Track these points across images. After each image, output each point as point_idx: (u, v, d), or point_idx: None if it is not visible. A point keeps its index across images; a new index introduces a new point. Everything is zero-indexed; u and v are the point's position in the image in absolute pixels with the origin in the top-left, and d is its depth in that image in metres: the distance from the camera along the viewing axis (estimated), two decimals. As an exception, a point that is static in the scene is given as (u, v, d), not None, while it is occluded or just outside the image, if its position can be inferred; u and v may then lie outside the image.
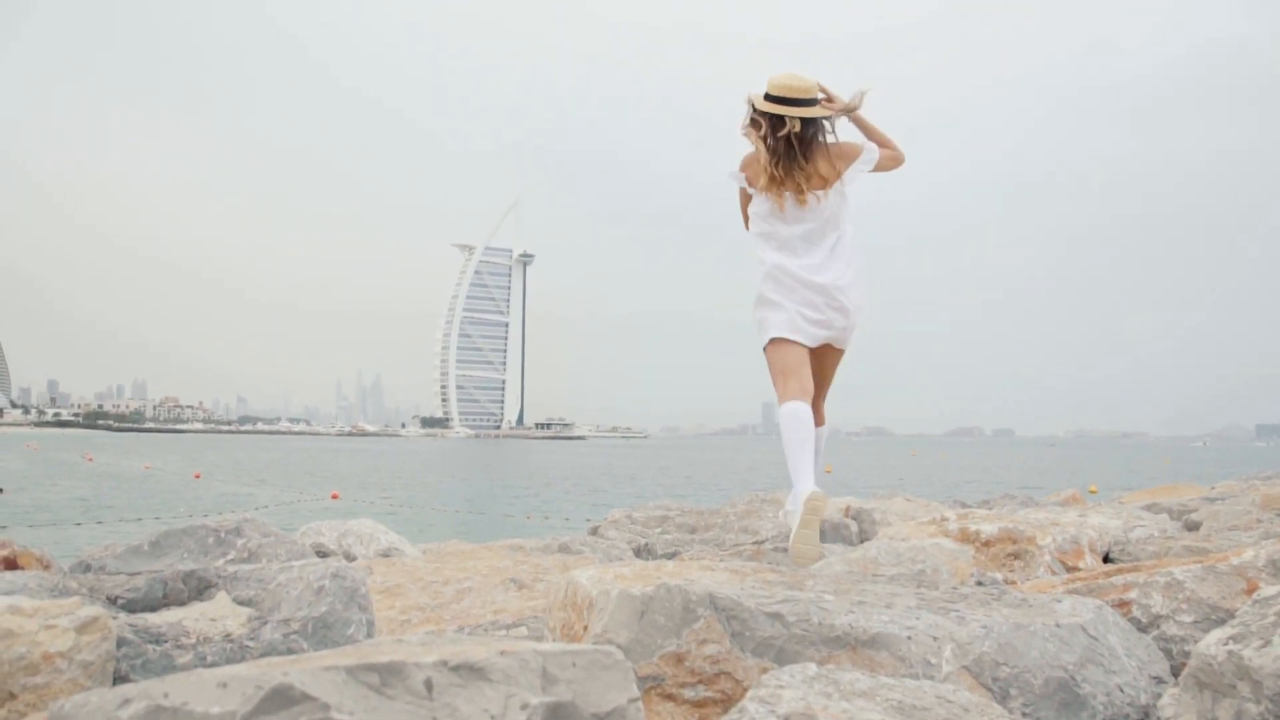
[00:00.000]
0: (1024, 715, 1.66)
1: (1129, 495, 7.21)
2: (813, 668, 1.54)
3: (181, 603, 2.14)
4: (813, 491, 3.12)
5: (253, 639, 1.90)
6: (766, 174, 3.39)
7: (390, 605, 3.09)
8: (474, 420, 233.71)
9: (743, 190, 3.54)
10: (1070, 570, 3.19)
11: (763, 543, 3.90)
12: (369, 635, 2.06)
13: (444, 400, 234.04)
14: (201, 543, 3.38)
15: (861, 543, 4.40)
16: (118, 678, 1.70)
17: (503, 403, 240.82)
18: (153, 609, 2.10)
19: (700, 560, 3.28)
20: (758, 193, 3.46)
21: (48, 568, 3.02)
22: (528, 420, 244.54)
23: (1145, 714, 1.73)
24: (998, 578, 2.87)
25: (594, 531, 5.33)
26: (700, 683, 1.77)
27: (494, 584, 3.36)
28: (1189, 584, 2.14)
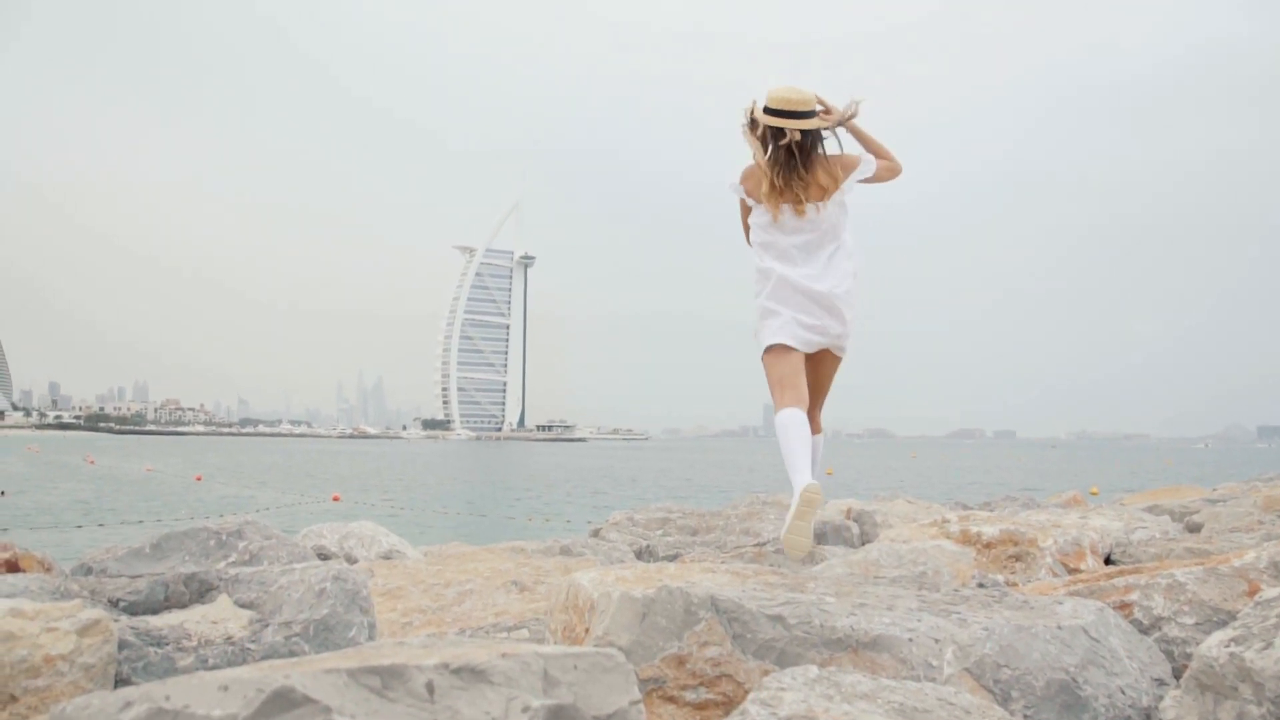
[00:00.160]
0: (1025, 717, 1.66)
1: (1130, 497, 7.21)
2: (814, 670, 1.54)
3: (183, 605, 2.14)
4: (810, 484, 3.20)
5: (254, 641, 1.90)
6: (767, 184, 3.43)
7: (391, 608, 3.09)
8: (475, 422, 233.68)
9: (743, 202, 3.58)
10: (1072, 572, 3.19)
11: (764, 545, 3.90)
12: (370, 638, 2.06)
13: (445, 402, 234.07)
14: (203, 545, 3.38)
15: (863, 545, 4.40)
16: (119, 680, 1.70)
17: (504, 404, 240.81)
18: (154, 612, 2.10)
19: (701, 562, 3.28)
20: (757, 204, 3.50)
21: (49, 570, 3.02)
22: (529, 422, 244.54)
23: (1147, 716, 1.73)
24: (999, 580, 2.87)
25: (595, 534, 5.33)
26: (701, 685, 1.77)
27: (495, 586, 3.36)
28: (1190, 586, 2.13)
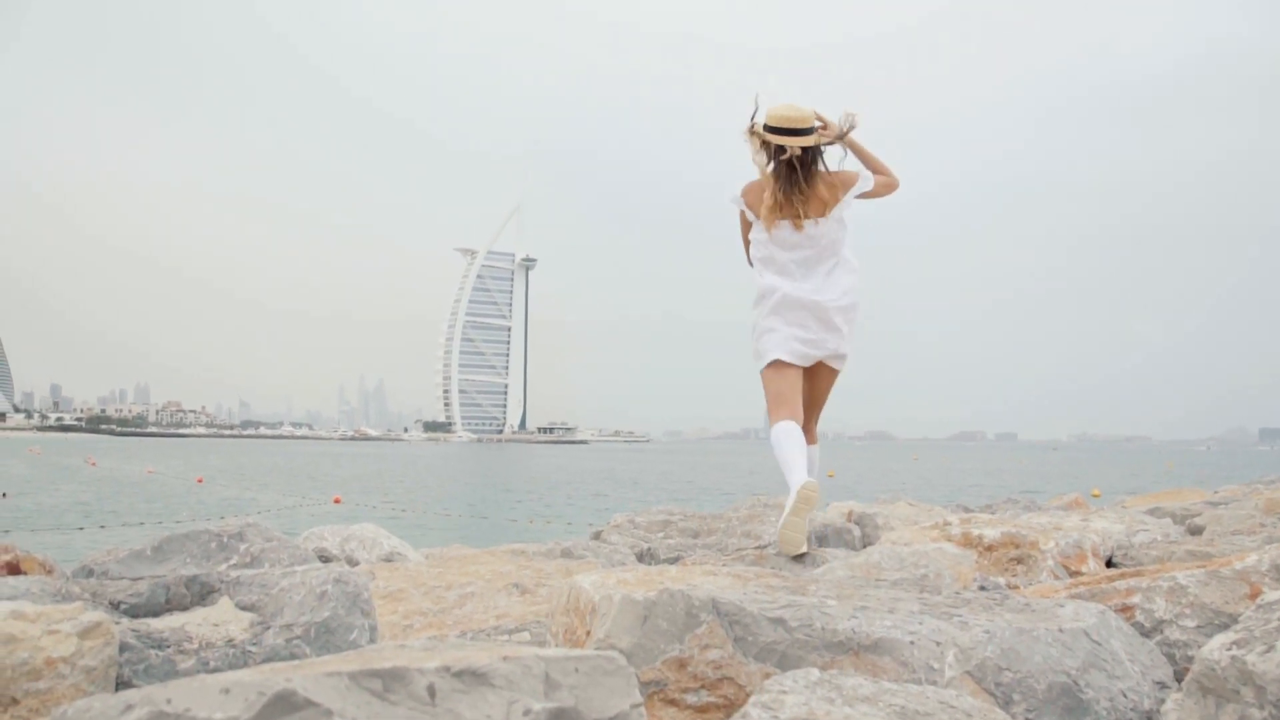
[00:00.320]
0: (1027, 721, 1.66)
1: (1132, 499, 7.21)
2: (815, 673, 1.54)
3: (184, 608, 2.14)
4: (806, 481, 3.23)
5: (255, 644, 1.90)
6: (769, 200, 3.47)
7: (393, 610, 3.09)
8: (476, 424, 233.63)
9: (743, 216, 3.61)
10: (1073, 575, 3.19)
11: (765, 547, 3.90)
12: (371, 640, 2.06)
13: (446, 404, 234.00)
14: (204, 548, 3.38)
15: (864, 547, 4.39)
16: (120, 683, 1.70)
17: (505, 407, 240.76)
18: (155, 614, 2.10)
19: (703, 565, 3.28)
20: (757, 219, 3.54)
21: (50, 573, 3.02)
22: (530, 424, 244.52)
23: (1148, 719, 1.73)
24: (1000, 582, 2.87)
25: (596, 536, 5.33)
26: (703, 688, 1.77)
27: (496, 589, 3.36)
28: (1192, 589, 2.13)
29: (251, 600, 2.12)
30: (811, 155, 3.46)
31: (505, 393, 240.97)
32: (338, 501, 24.89)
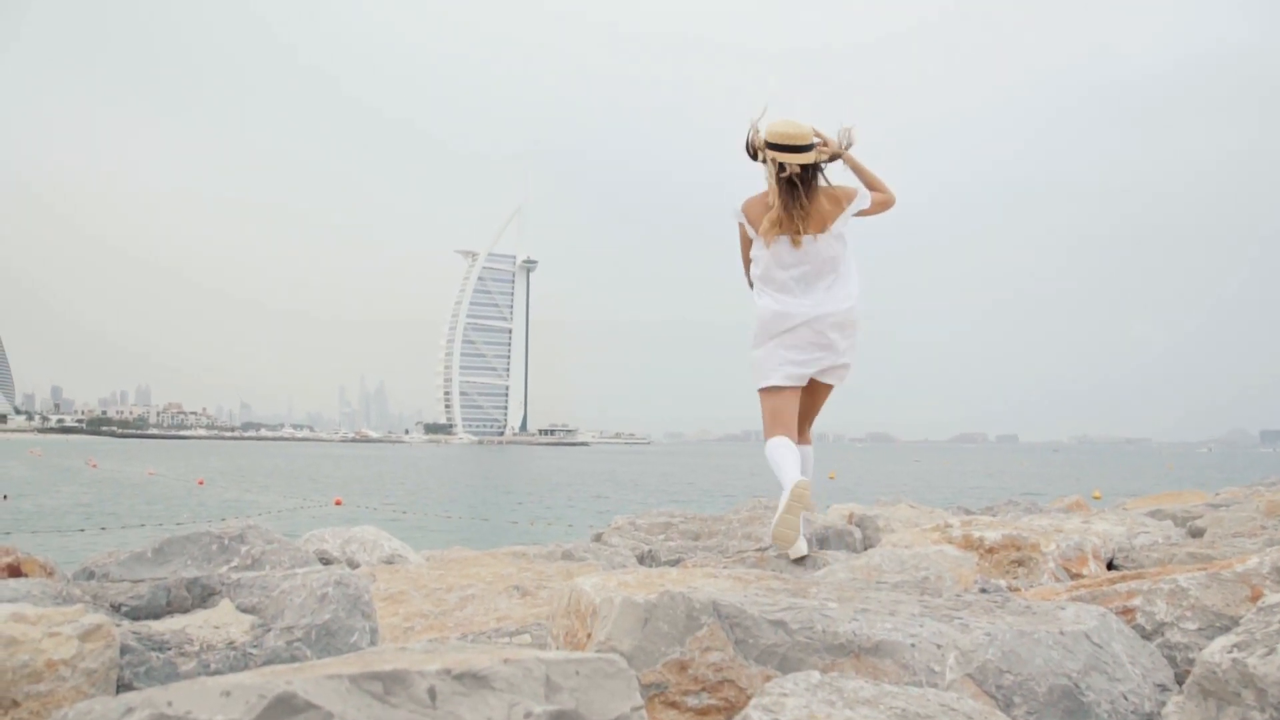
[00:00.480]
0: (1028, 723, 1.66)
1: (1133, 501, 7.20)
2: (816, 675, 1.54)
3: (185, 610, 2.14)
4: (799, 480, 3.29)
5: (256, 646, 1.90)
6: (770, 216, 3.50)
7: (394, 612, 3.09)
8: (477, 426, 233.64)
9: (743, 230, 3.63)
10: (1074, 577, 3.18)
11: (766, 549, 3.90)
12: (372, 643, 2.06)
13: (447, 406, 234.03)
14: (205, 550, 3.38)
15: (865, 550, 4.39)
16: (121, 685, 1.70)
17: (506, 409, 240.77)
18: (156, 616, 2.11)
19: (704, 567, 3.27)
20: (757, 235, 3.57)
21: (51, 575, 3.03)
22: (531, 426, 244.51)
23: (1150, 722, 1.73)
24: (1001, 585, 2.87)
25: (597, 538, 5.33)
26: (704, 690, 1.77)
27: (497, 591, 3.36)
28: (1193, 591, 2.13)
29: (252, 602, 2.12)
30: (811, 172, 3.49)
31: (506, 394, 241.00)
32: (338, 503, 24.89)
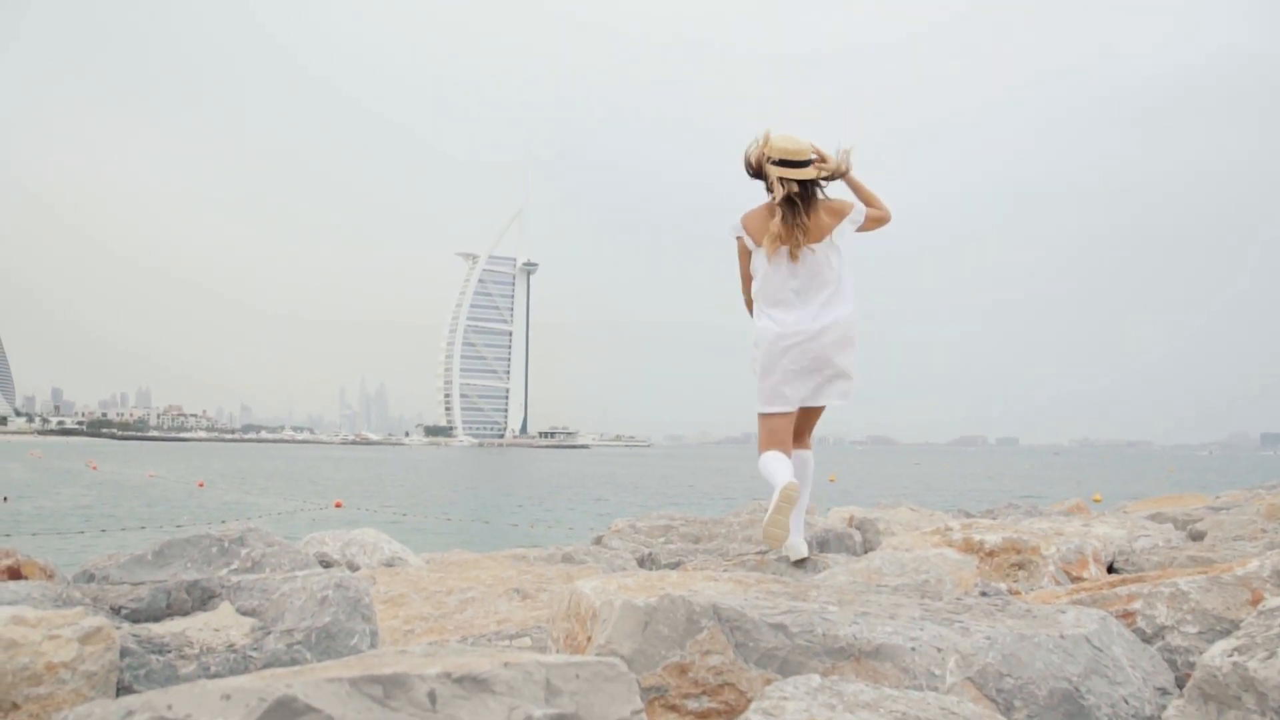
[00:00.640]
0: (1028, 727, 1.66)
1: (1133, 505, 7.20)
2: (816, 679, 1.54)
3: (185, 613, 2.14)
4: (789, 482, 3.34)
5: (256, 649, 1.91)
6: (772, 228, 3.55)
7: (394, 615, 3.09)
8: (478, 429, 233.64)
9: (742, 244, 3.68)
10: (1074, 580, 3.18)
11: (766, 552, 3.90)
12: (372, 645, 2.06)
13: (448, 409, 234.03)
14: (205, 552, 3.38)
15: (865, 553, 4.39)
16: (121, 688, 1.70)
17: (506, 411, 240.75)
18: (156, 619, 2.11)
19: (704, 570, 3.27)
20: (758, 247, 3.62)
21: (51, 577, 3.03)
22: (531, 429, 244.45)
23: (1150, 726, 1.73)
24: (1002, 588, 2.87)
25: (597, 541, 5.33)
26: (704, 694, 1.77)
27: (497, 594, 3.36)
28: (1193, 595, 2.13)
29: (252, 605, 2.12)
30: (810, 187, 3.56)
31: (506, 397, 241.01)
32: (339, 506, 24.86)
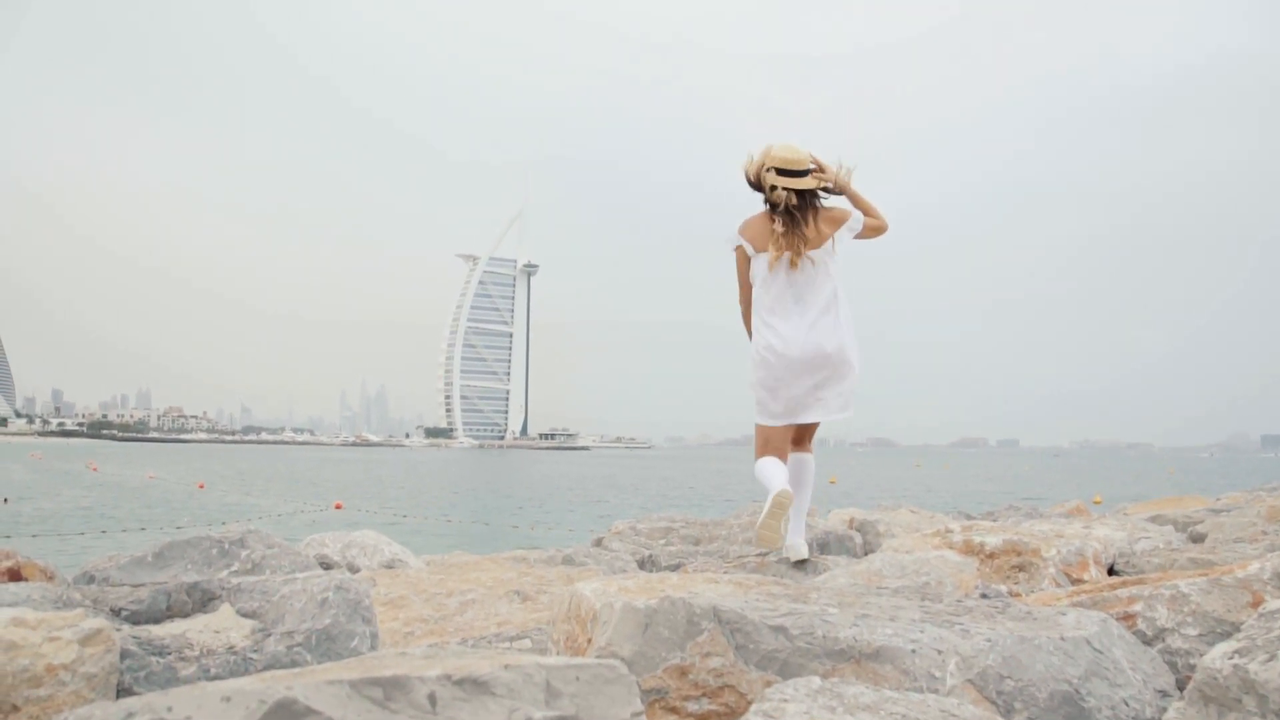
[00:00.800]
0: (1029, 729, 1.66)
1: (1134, 507, 7.20)
2: (817, 681, 1.54)
3: (185, 615, 2.14)
4: (782, 490, 3.42)
5: (256, 651, 1.90)
6: (771, 237, 3.62)
7: (394, 617, 3.09)
8: (478, 430, 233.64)
9: (741, 253, 3.72)
10: (1075, 582, 3.18)
11: (767, 555, 3.89)
12: (373, 647, 2.06)
13: (448, 410, 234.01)
14: (205, 554, 3.38)
15: (866, 555, 4.39)
16: (121, 690, 1.70)
17: (507, 413, 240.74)
18: (156, 621, 2.11)
19: (704, 572, 3.28)
20: (757, 254, 3.68)
21: (51, 579, 3.03)
22: (531, 430, 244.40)
23: (1151, 728, 1.73)
24: (1002, 590, 2.86)
25: (598, 543, 5.33)
26: (704, 696, 1.77)
27: (498, 596, 3.36)
28: (1194, 597, 2.13)
29: (253, 607, 2.12)
30: (808, 196, 3.63)
31: (507, 398, 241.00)
32: (339, 507, 24.86)
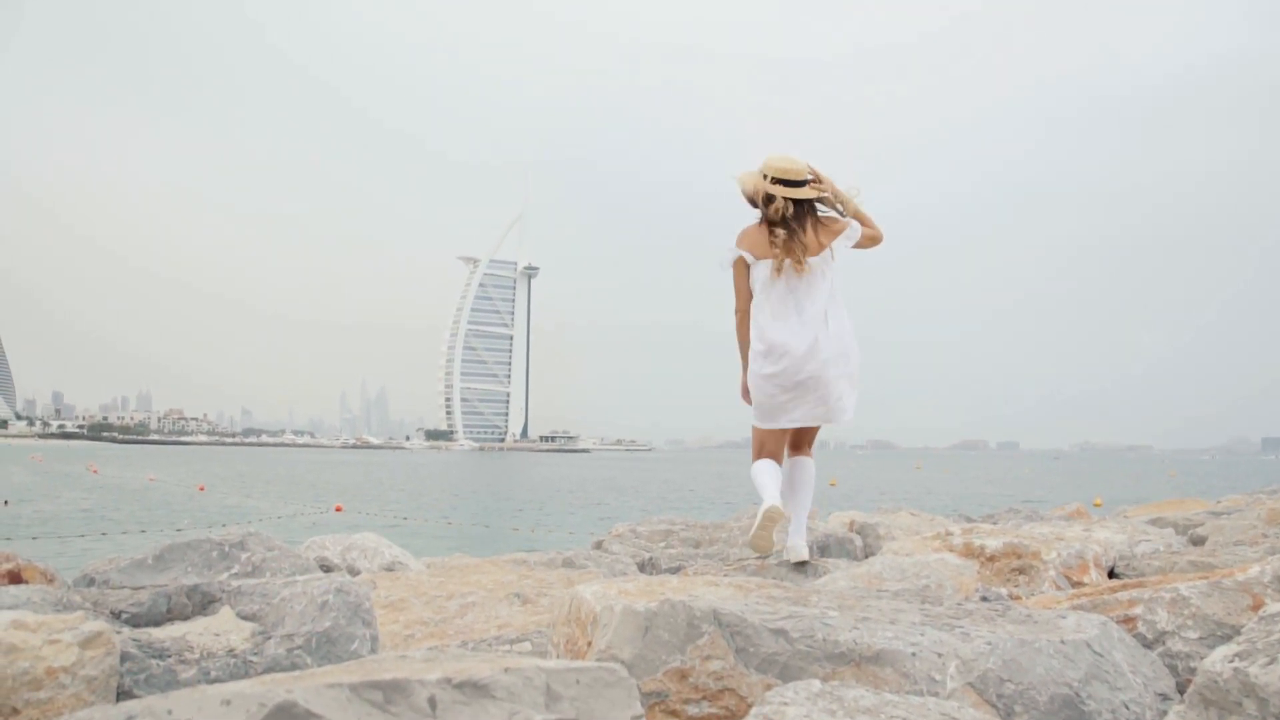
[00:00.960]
0: (1029, 733, 1.65)
1: (1134, 509, 7.20)
2: (817, 684, 1.54)
3: (185, 617, 2.14)
4: (772, 506, 3.55)
5: (256, 654, 1.90)
6: (772, 245, 3.67)
7: (394, 620, 3.09)
8: (478, 433, 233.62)
9: (740, 262, 3.79)
10: (1075, 585, 3.18)
11: (767, 557, 3.89)
12: (373, 650, 2.06)
13: (448, 413, 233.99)
14: (205, 556, 3.38)
15: (866, 557, 4.39)
16: (121, 693, 1.70)
17: (507, 415, 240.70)
18: (156, 623, 2.10)
19: (704, 575, 3.28)
20: (757, 261, 3.73)
21: (51, 581, 3.03)
22: (532, 433, 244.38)
23: (1151, 731, 1.72)
24: (1002, 593, 2.86)
25: (598, 546, 5.32)
26: (704, 699, 1.76)
27: (498, 599, 3.36)
28: (1194, 600, 2.13)
29: (253, 610, 2.12)
30: (806, 206, 3.69)
31: (507, 401, 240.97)
32: (339, 510, 24.86)
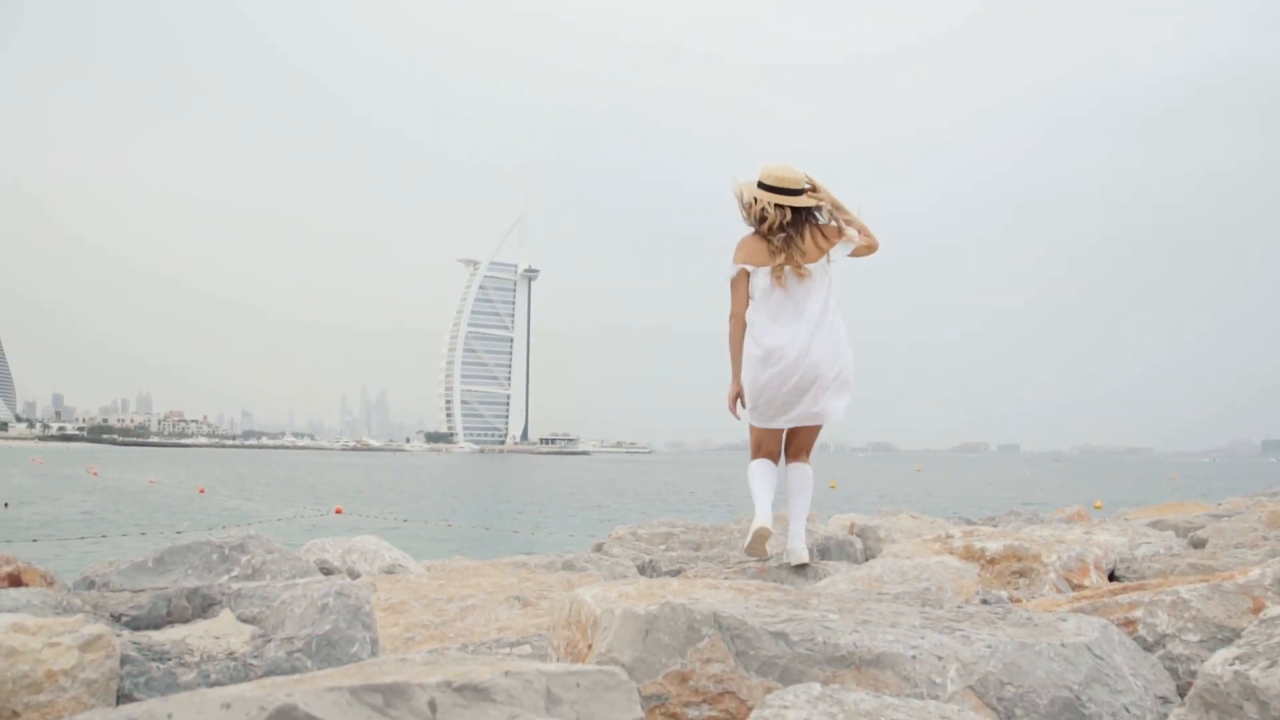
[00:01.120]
0: (1030, 736, 1.65)
1: (1134, 512, 7.20)
2: (817, 687, 1.53)
3: (185, 620, 2.14)
4: (762, 527, 3.69)
5: (256, 657, 1.90)
6: (772, 251, 3.73)
7: (394, 623, 3.08)
8: (478, 435, 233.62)
9: (741, 271, 3.85)
10: (1075, 588, 3.18)
11: (767, 561, 3.89)
12: (373, 653, 2.06)
13: (448, 415, 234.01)
14: (205, 559, 3.38)
15: (866, 560, 4.39)
16: (121, 696, 1.69)
17: (507, 418, 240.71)
18: (156, 626, 2.10)
19: (705, 578, 3.28)
20: (757, 268, 3.79)
21: (51, 584, 3.02)
22: (532, 435, 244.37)
23: (1152, 735, 1.72)
24: (1003, 596, 2.87)
25: (598, 548, 5.32)
26: (704, 702, 1.76)
27: (498, 601, 3.36)
28: (1195, 603, 2.13)
29: (253, 613, 2.12)
30: (804, 214, 3.76)
31: (507, 403, 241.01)
32: (339, 512, 24.84)
